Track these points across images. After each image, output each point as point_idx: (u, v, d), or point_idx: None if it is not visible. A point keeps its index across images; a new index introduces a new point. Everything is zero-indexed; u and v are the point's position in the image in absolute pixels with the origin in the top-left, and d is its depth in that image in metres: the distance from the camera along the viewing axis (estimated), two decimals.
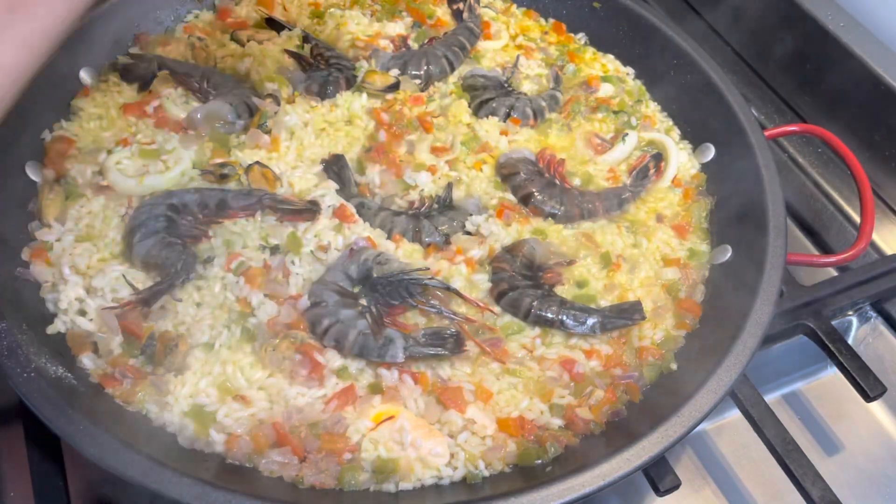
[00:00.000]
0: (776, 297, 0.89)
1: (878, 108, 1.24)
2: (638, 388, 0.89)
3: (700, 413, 0.80)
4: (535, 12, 1.30)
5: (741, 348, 0.85)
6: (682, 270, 0.99)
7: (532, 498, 0.74)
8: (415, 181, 1.02)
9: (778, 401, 1.04)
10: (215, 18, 1.22)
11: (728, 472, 0.98)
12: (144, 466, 0.72)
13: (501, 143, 1.08)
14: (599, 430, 0.85)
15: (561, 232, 1.00)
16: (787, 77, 1.40)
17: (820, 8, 1.32)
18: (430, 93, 1.13)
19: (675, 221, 1.05)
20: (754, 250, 0.95)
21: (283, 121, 1.05)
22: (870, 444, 1.01)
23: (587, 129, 1.13)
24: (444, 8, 1.27)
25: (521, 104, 1.11)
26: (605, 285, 0.96)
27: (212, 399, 0.83)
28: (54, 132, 1.04)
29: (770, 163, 1.02)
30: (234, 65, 1.12)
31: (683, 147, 1.13)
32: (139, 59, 1.11)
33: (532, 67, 1.21)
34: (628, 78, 1.22)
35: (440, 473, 0.81)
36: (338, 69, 1.12)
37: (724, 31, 1.49)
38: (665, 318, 0.95)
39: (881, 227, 1.21)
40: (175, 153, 1.01)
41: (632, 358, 0.92)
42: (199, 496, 0.71)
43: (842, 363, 0.97)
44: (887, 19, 1.30)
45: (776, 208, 0.98)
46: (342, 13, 1.23)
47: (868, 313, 1.11)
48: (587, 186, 1.06)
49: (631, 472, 0.76)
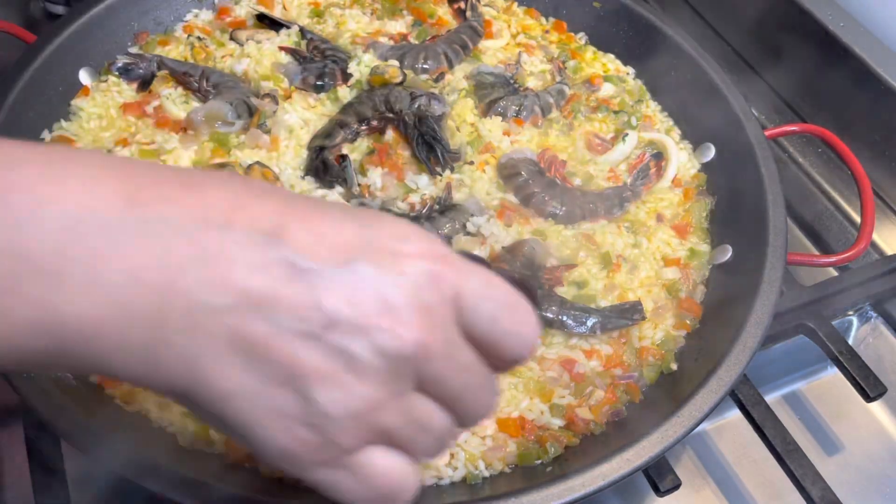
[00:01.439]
0: (776, 297, 0.89)
1: (878, 108, 1.24)
2: (638, 388, 0.89)
3: (700, 413, 0.80)
4: (535, 11, 1.29)
5: (741, 348, 0.85)
6: (683, 270, 0.99)
7: (532, 498, 0.74)
8: (416, 184, 1.02)
9: (778, 401, 1.04)
10: (215, 18, 1.22)
11: (728, 472, 0.98)
12: (144, 467, 0.72)
13: (504, 143, 1.07)
14: (600, 430, 0.85)
15: (561, 232, 1.00)
16: (787, 77, 1.39)
17: (820, 8, 1.32)
18: (439, 88, 1.13)
19: (676, 221, 1.05)
20: (754, 250, 0.95)
21: (283, 119, 1.05)
22: (870, 444, 1.01)
23: (587, 130, 1.13)
24: (445, 7, 1.27)
25: (530, 102, 1.11)
26: (605, 285, 0.96)
27: None
28: (54, 132, 1.04)
29: (770, 163, 1.02)
30: (233, 65, 1.12)
31: (683, 147, 1.13)
32: (139, 59, 1.11)
33: (535, 64, 1.21)
34: (628, 78, 1.22)
35: (440, 473, 0.81)
36: (333, 61, 1.12)
37: (725, 31, 1.49)
38: (665, 318, 0.95)
39: (881, 227, 1.21)
40: (175, 153, 1.01)
41: (632, 358, 0.92)
42: (200, 496, 0.71)
43: (842, 363, 0.97)
44: (887, 19, 1.30)
45: (776, 208, 0.98)
46: (342, 12, 1.23)
47: (868, 313, 1.11)
48: (588, 186, 1.06)
49: (631, 472, 0.76)
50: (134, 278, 0.42)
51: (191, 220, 0.44)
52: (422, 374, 0.47)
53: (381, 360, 0.45)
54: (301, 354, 0.44)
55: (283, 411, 0.45)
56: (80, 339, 0.43)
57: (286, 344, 0.44)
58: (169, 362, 0.44)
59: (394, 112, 1.06)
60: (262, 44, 1.15)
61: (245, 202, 0.46)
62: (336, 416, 0.45)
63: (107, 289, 0.42)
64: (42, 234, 0.41)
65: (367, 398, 0.46)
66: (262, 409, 0.45)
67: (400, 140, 1.06)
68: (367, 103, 1.07)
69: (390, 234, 0.48)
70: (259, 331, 0.44)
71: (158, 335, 0.43)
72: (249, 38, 1.17)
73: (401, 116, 1.05)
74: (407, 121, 1.05)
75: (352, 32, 1.20)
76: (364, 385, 0.45)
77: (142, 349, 0.44)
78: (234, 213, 0.45)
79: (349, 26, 1.21)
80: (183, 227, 0.44)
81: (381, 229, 0.48)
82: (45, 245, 0.41)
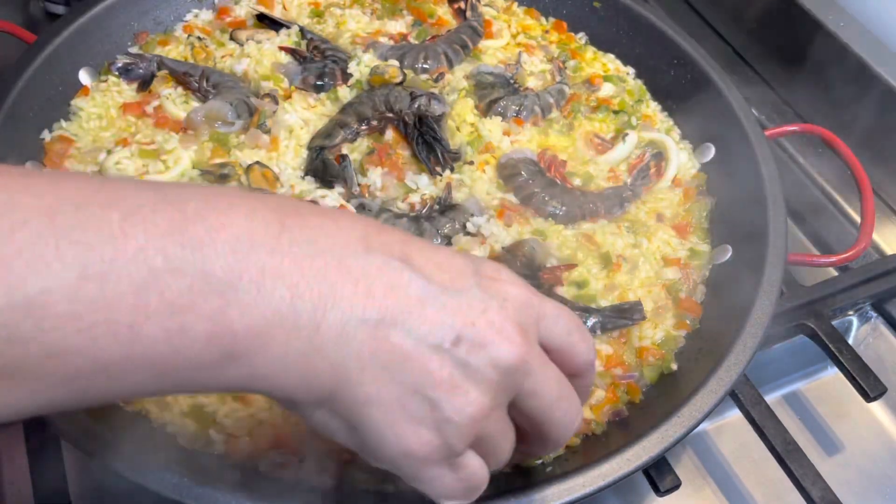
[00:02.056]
0: (776, 297, 0.89)
1: (878, 108, 1.24)
2: (639, 388, 0.89)
3: (700, 413, 0.80)
4: (535, 11, 1.29)
5: (741, 348, 0.85)
6: (683, 270, 0.99)
7: (532, 498, 0.74)
8: (416, 184, 1.02)
9: (778, 401, 1.04)
10: (215, 18, 1.22)
11: (728, 472, 0.98)
12: (144, 467, 0.72)
13: (504, 143, 1.07)
14: (601, 430, 0.85)
15: (561, 232, 1.00)
16: (787, 77, 1.39)
17: (820, 8, 1.32)
18: (439, 88, 1.13)
19: (676, 221, 1.05)
20: (754, 250, 0.95)
21: (283, 119, 1.05)
22: (870, 445, 1.01)
23: (587, 129, 1.13)
24: (445, 7, 1.27)
25: (530, 102, 1.11)
26: (605, 285, 0.96)
27: (211, 399, 0.83)
28: (54, 132, 1.04)
29: (770, 163, 1.02)
30: (233, 65, 1.12)
31: (683, 147, 1.13)
32: (139, 59, 1.11)
33: (535, 64, 1.21)
34: (628, 78, 1.22)
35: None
36: (333, 61, 1.12)
37: (725, 31, 1.49)
38: (665, 318, 0.95)
39: (881, 227, 1.21)
40: (174, 153, 1.01)
41: (632, 358, 0.92)
42: (200, 497, 0.71)
43: (842, 363, 0.97)
44: (887, 19, 1.30)
45: (776, 208, 0.98)
46: (342, 12, 1.23)
47: (868, 313, 1.11)
48: (588, 186, 1.06)
49: (631, 472, 0.76)
50: (296, 294, 0.48)
51: (336, 245, 0.50)
52: (521, 387, 0.55)
53: (494, 373, 0.52)
54: (433, 366, 0.50)
55: (415, 416, 0.51)
56: (247, 350, 0.47)
57: (421, 356, 0.50)
58: (319, 369, 0.49)
59: (394, 112, 1.06)
60: (262, 44, 1.15)
61: (372, 231, 0.53)
62: (457, 421, 0.51)
63: (274, 303, 0.47)
64: (216, 255, 0.46)
65: (482, 407, 0.52)
66: (397, 413, 0.51)
67: (400, 140, 1.06)
68: (367, 103, 1.07)
69: (488, 266, 0.57)
70: (399, 343, 0.50)
71: (315, 345, 0.48)
72: (249, 38, 1.17)
73: (401, 116, 1.05)
74: (407, 121, 1.05)
75: (352, 32, 1.20)
76: (480, 395, 0.52)
77: (299, 357, 0.49)
78: (369, 240, 0.52)
79: (349, 26, 1.21)
80: (331, 250, 0.50)
81: (481, 263, 0.57)
82: (218, 265, 0.46)
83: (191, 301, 0.45)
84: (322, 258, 0.49)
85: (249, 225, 0.48)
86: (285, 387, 0.50)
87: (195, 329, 0.46)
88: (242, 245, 0.47)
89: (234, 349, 0.47)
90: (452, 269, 0.54)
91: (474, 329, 0.52)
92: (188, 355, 0.46)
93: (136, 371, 0.46)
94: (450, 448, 0.53)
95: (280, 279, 0.47)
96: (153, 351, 0.45)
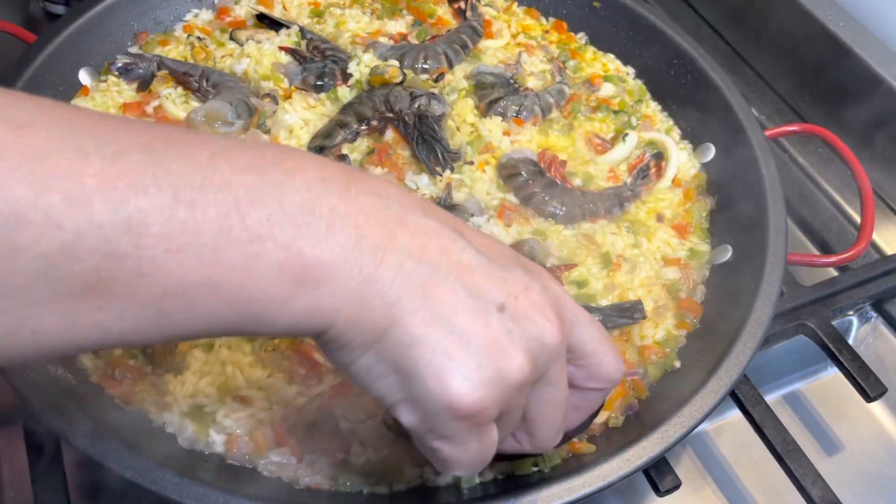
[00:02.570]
0: (776, 297, 0.89)
1: (878, 108, 1.24)
2: (644, 384, 0.89)
3: (700, 413, 0.80)
4: (535, 11, 1.29)
5: (741, 348, 0.85)
6: (683, 270, 0.99)
7: (532, 498, 0.74)
8: (416, 184, 1.02)
9: (778, 401, 1.04)
10: (215, 18, 1.22)
11: (728, 472, 0.98)
12: (144, 467, 0.72)
13: (504, 143, 1.07)
14: (619, 423, 0.85)
15: (561, 232, 1.00)
16: (787, 77, 1.39)
17: (820, 8, 1.32)
18: (439, 88, 1.13)
19: (676, 221, 1.05)
20: (754, 250, 0.95)
21: (283, 119, 1.05)
22: (870, 445, 1.01)
23: (587, 130, 1.13)
24: (445, 7, 1.27)
25: (530, 102, 1.11)
26: (605, 285, 0.96)
27: (211, 399, 0.83)
28: None
29: (770, 163, 1.02)
30: (233, 65, 1.12)
31: (683, 147, 1.13)
32: (138, 59, 1.11)
33: (535, 64, 1.21)
34: (628, 78, 1.22)
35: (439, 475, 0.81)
36: (333, 61, 1.12)
37: (725, 31, 1.49)
38: (666, 318, 0.95)
39: (881, 227, 1.21)
40: None
41: (634, 356, 0.92)
42: (200, 497, 0.71)
43: (842, 363, 0.97)
44: (887, 19, 1.30)
45: (776, 208, 0.98)
46: (342, 12, 1.23)
47: (868, 313, 1.11)
48: (588, 186, 1.06)
49: (631, 473, 0.76)
50: (360, 235, 0.51)
51: (398, 203, 0.55)
52: (547, 372, 0.57)
53: (536, 345, 0.54)
54: (478, 324, 0.53)
55: (458, 368, 0.52)
56: (314, 280, 0.51)
57: (470, 310, 0.53)
58: (374, 305, 0.52)
59: (394, 112, 1.06)
60: (262, 44, 1.15)
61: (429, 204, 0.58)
62: (498, 385, 0.53)
63: (340, 240, 0.51)
64: (292, 191, 0.50)
65: (525, 374, 0.54)
66: (441, 360, 0.52)
67: (400, 140, 1.06)
68: (367, 103, 1.07)
69: (530, 261, 0.61)
70: (450, 294, 0.53)
71: (372, 282, 0.52)
72: (249, 38, 1.17)
73: (401, 116, 1.05)
74: (407, 121, 1.05)
75: (352, 32, 1.20)
76: (525, 362, 0.54)
77: (357, 294, 0.51)
78: (426, 207, 0.56)
79: (349, 26, 1.21)
80: (393, 206, 0.54)
81: (523, 256, 0.61)
82: (294, 200, 0.50)
83: (269, 230, 0.49)
84: (386, 211, 0.53)
85: (321, 173, 0.52)
86: (342, 322, 0.52)
87: (270, 256, 0.49)
88: (315, 187, 0.51)
89: (303, 278, 0.50)
90: (499, 250, 0.58)
91: (517, 302, 0.54)
92: (262, 284, 0.49)
93: (213, 297, 0.49)
94: (487, 413, 0.54)
95: (347, 219, 0.51)
96: (231, 276, 0.49)
